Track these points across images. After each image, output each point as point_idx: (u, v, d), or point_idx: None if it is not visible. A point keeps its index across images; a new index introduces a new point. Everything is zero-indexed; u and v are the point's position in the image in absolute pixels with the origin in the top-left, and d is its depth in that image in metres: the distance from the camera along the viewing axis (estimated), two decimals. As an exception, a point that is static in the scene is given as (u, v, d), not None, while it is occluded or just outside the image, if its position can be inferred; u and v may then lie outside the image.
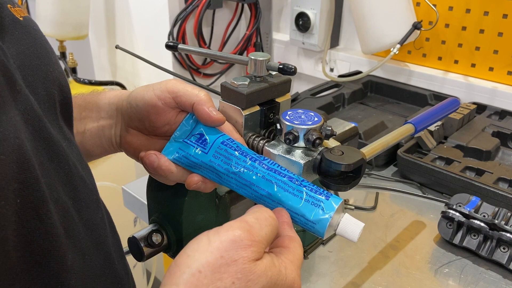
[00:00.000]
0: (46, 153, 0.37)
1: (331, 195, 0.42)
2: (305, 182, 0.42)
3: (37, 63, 0.40)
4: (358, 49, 1.25)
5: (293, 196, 0.42)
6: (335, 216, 0.41)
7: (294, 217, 0.42)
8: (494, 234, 0.62)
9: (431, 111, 0.67)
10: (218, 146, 0.46)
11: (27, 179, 0.33)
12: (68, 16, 1.32)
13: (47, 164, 0.37)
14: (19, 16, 0.40)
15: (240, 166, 0.44)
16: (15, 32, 0.38)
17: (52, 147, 0.38)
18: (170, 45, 0.56)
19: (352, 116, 1.06)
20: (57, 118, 0.42)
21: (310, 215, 0.41)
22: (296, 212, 0.41)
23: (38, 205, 0.34)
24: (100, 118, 0.53)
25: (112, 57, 1.53)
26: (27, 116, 0.35)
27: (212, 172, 0.46)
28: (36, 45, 0.41)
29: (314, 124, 0.48)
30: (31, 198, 0.33)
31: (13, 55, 0.37)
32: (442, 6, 1.10)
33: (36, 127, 0.36)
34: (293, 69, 0.49)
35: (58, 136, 0.40)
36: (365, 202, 0.79)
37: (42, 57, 0.41)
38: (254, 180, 0.43)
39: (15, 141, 0.32)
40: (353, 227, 0.41)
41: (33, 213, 0.33)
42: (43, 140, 0.37)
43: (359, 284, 0.61)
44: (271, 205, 0.43)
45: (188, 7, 1.23)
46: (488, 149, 0.84)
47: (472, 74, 1.11)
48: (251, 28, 1.37)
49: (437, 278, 0.62)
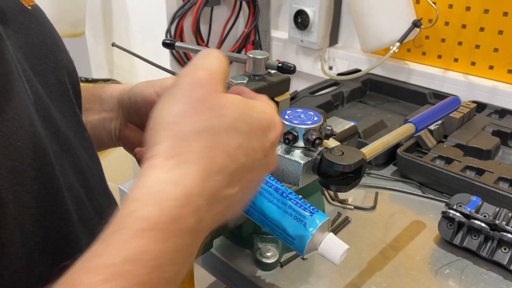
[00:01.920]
0: (56, 142, 0.37)
1: (317, 212, 0.39)
2: (292, 195, 0.40)
3: (46, 52, 0.40)
4: (357, 47, 1.24)
5: (277, 208, 0.40)
6: (317, 234, 0.38)
7: (275, 230, 0.40)
8: (495, 234, 0.62)
9: (431, 110, 0.66)
10: None
11: (44, 166, 0.33)
12: (65, 13, 1.31)
13: (59, 152, 0.37)
14: (28, 4, 0.40)
15: None
16: (24, 21, 0.39)
17: (60, 137, 0.38)
18: (167, 43, 0.55)
19: (351, 115, 1.05)
20: (74, 105, 0.43)
21: (291, 229, 0.39)
22: (277, 225, 0.39)
23: (54, 192, 0.34)
24: (102, 111, 0.53)
25: (109, 54, 1.52)
26: (37, 106, 0.35)
27: None
28: (45, 34, 0.41)
29: (314, 123, 0.47)
30: (48, 185, 0.34)
31: (22, 45, 0.37)
32: (442, 3, 1.09)
33: (45, 117, 0.36)
34: (292, 68, 0.49)
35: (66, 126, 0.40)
36: (364, 201, 0.78)
37: (50, 46, 0.41)
38: (269, 210, 0.41)
39: (30, 129, 0.32)
40: (335, 248, 0.38)
41: (50, 200, 0.34)
42: (52, 129, 0.37)
43: (359, 285, 0.60)
44: (253, 215, 0.41)
45: (185, 5, 1.22)
46: (488, 148, 0.83)
47: (472, 73, 1.10)
48: (249, 25, 1.36)
49: (437, 279, 0.61)
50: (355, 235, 0.69)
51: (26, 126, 0.32)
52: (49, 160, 0.34)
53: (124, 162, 1.34)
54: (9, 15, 0.37)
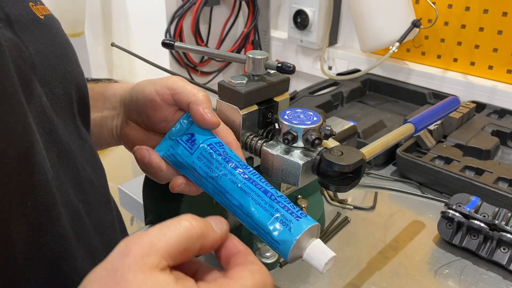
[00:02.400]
0: (56, 155, 0.37)
1: (305, 216, 0.38)
2: (282, 198, 0.40)
3: (55, 63, 0.40)
4: (356, 47, 1.24)
5: (264, 211, 0.39)
6: (303, 239, 0.37)
7: (261, 233, 0.39)
8: (494, 234, 0.62)
9: (431, 110, 0.66)
10: (204, 149, 0.44)
11: (37, 182, 0.33)
12: (64, 13, 1.31)
13: (57, 166, 0.37)
14: (40, 14, 0.40)
15: (219, 171, 0.42)
16: (35, 31, 0.38)
17: (62, 149, 0.38)
18: (167, 43, 0.55)
19: (351, 115, 1.05)
20: (75, 117, 0.42)
21: (276, 233, 0.37)
22: (263, 228, 0.38)
23: (49, 208, 0.34)
24: (104, 109, 0.53)
25: (109, 54, 1.52)
26: (39, 119, 0.35)
27: (193, 174, 0.45)
28: (55, 44, 0.40)
29: (313, 124, 0.47)
30: (42, 200, 0.33)
31: (31, 54, 0.37)
32: (442, 3, 1.09)
33: (46, 130, 0.36)
34: (292, 68, 0.49)
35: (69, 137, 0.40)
36: (364, 201, 0.78)
37: (61, 57, 0.41)
38: (229, 188, 0.41)
39: (24, 144, 0.32)
40: (320, 256, 0.36)
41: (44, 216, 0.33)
42: (53, 142, 0.37)
43: (358, 285, 0.60)
44: (241, 217, 0.40)
45: (185, 4, 1.22)
46: (488, 148, 0.83)
47: (472, 73, 1.10)
48: (248, 25, 1.36)
49: (436, 279, 0.61)
50: (355, 235, 0.69)
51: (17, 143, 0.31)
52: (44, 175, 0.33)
53: (124, 162, 1.34)
54: (20, 24, 0.36)
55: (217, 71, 1.40)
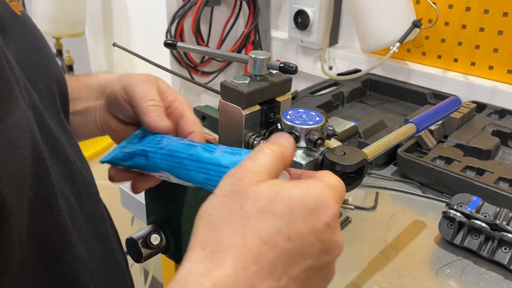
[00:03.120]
0: (49, 148, 0.37)
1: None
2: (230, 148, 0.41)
3: (36, 59, 0.40)
4: (357, 47, 1.24)
5: (212, 151, 0.40)
6: None
7: (209, 169, 0.39)
8: (496, 234, 0.62)
9: (432, 111, 0.66)
10: (152, 138, 0.46)
11: (39, 172, 0.33)
12: (65, 13, 1.31)
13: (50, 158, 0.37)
14: (17, 10, 0.40)
15: (168, 141, 0.44)
16: (15, 28, 0.38)
17: (53, 142, 0.38)
18: (169, 43, 0.55)
19: (352, 115, 1.05)
20: (58, 112, 0.43)
21: (226, 161, 0.39)
22: (211, 162, 0.39)
23: (49, 198, 0.34)
24: (89, 100, 0.53)
25: (109, 54, 1.52)
26: (34, 111, 0.36)
27: (141, 156, 0.45)
28: (34, 41, 0.41)
29: (316, 124, 0.47)
30: (42, 191, 0.34)
31: (13, 51, 0.37)
32: (442, 4, 1.09)
33: (39, 123, 0.36)
34: (294, 68, 0.49)
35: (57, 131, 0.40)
36: (365, 201, 0.78)
37: (40, 52, 0.41)
38: (178, 147, 0.43)
39: (29, 135, 0.32)
40: None
41: (44, 206, 0.34)
42: (46, 135, 0.37)
43: (360, 285, 0.60)
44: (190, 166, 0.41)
45: (186, 5, 1.22)
46: (488, 148, 0.84)
47: (472, 73, 1.10)
48: (249, 25, 1.36)
49: (438, 279, 0.61)
50: (356, 235, 0.70)
51: (26, 133, 0.32)
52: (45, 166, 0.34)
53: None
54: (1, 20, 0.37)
55: (217, 71, 1.40)
